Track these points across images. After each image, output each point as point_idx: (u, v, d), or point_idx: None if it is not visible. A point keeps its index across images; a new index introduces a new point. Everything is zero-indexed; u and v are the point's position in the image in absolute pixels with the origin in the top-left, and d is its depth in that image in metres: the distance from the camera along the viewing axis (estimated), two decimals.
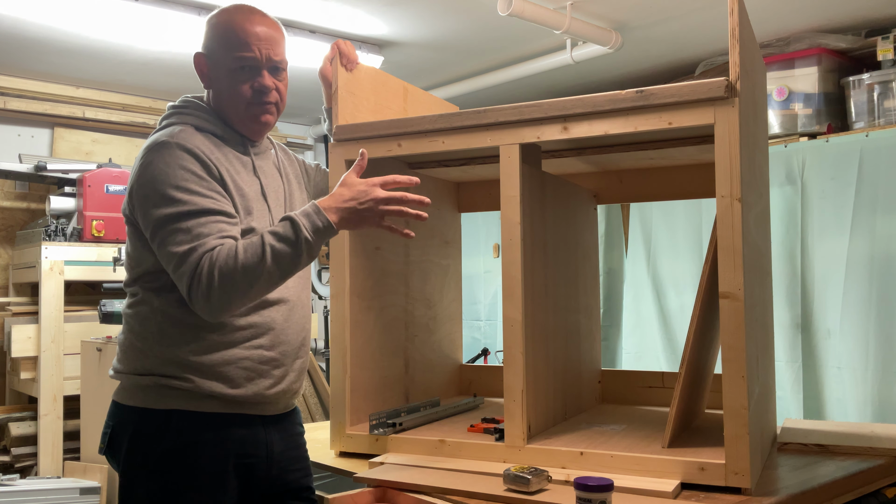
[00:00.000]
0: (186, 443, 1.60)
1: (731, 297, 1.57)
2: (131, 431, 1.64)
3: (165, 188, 1.57)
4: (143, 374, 1.63)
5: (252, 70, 1.71)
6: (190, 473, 1.60)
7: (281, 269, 1.55)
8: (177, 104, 1.77)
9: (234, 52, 1.70)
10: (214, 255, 1.52)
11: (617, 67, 4.39)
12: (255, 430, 1.68)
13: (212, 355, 1.62)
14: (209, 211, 1.58)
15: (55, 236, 4.06)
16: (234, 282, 1.51)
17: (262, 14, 1.76)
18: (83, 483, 3.56)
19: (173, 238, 1.55)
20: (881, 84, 3.56)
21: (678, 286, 4.17)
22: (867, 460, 1.81)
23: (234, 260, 1.52)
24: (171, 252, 1.54)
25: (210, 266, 1.51)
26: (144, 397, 1.63)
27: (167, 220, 1.56)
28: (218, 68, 1.72)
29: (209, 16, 1.78)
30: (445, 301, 2.52)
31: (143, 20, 3.49)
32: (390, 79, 2.24)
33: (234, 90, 1.71)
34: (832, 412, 3.53)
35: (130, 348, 1.67)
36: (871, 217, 3.42)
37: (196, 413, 1.61)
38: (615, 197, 2.51)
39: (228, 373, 1.63)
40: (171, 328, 1.62)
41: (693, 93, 1.61)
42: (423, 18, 3.62)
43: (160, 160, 1.60)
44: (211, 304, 1.52)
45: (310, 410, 4.42)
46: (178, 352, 1.61)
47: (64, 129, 4.72)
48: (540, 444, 1.78)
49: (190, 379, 1.61)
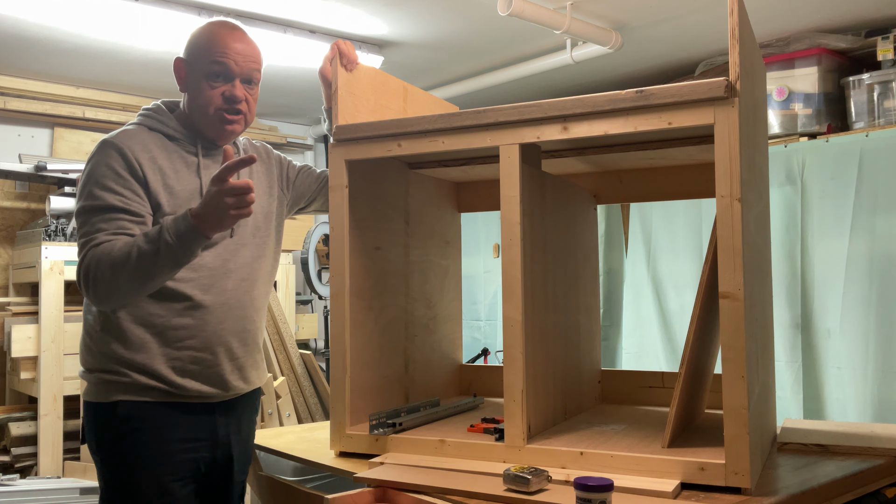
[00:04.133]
0: (130, 429, 1.74)
1: (731, 297, 1.57)
2: (90, 424, 1.79)
3: (88, 184, 1.72)
4: (91, 371, 1.78)
5: (226, 77, 1.81)
6: (134, 456, 1.74)
7: (143, 269, 1.63)
8: (146, 108, 1.88)
9: (212, 58, 1.80)
10: (98, 249, 1.66)
11: (617, 67, 4.39)
12: (198, 417, 1.81)
13: (143, 354, 1.74)
14: (113, 208, 1.69)
15: (55, 236, 4.06)
16: (104, 276, 1.65)
17: (244, 33, 1.87)
18: (83, 483, 3.56)
19: (79, 231, 1.71)
20: (881, 84, 3.56)
21: (678, 286, 4.17)
22: (867, 460, 1.81)
23: (108, 256, 1.65)
24: (78, 244, 1.71)
25: (90, 259, 1.66)
26: (95, 392, 1.78)
27: (79, 213, 1.72)
28: (194, 72, 1.83)
29: (199, 27, 1.90)
30: (445, 301, 2.52)
31: (143, 20, 3.49)
32: (390, 79, 2.24)
33: (207, 95, 1.81)
34: (832, 412, 3.53)
35: (83, 347, 1.81)
36: (871, 217, 3.42)
37: (138, 402, 1.74)
38: (615, 197, 2.51)
39: (160, 370, 1.75)
40: (107, 326, 1.75)
41: (693, 93, 1.61)
42: (423, 18, 3.62)
43: (94, 157, 1.74)
44: (90, 294, 1.68)
45: (310, 410, 4.42)
46: (113, 349, 1.74)
47: (64, 129, 4.72)
48: (540, 444, 1.78)
49: (127, 374, 1.74)
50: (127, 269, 1.63)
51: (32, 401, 4.24)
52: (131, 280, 1.65)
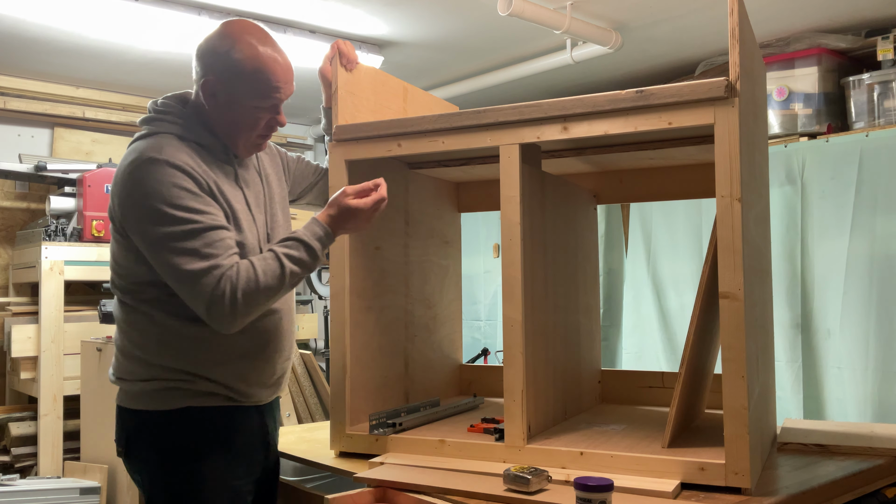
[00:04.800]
0: (196, 437, 1.69)
1: (731, 297, 1.57)
2: (147, 433, 1.70)
3: (163, 206, 1.59)
4: (147, 380, 1.70)
5: (272, 109, 1.76)
6: (205, 464, 1.68)
7: (292, 286, 1.69)
8: (158, 108, 1.77)
9: (264, 95, 1.73)
10: (234, 276, 1.59)
11: (617, 67, 4.39)
12: (252, 419, 1.79)
13: (213, 368, 1.70)
14: (211, 227, 1.62)
15: (55, 236, 4.06)
16: (258, 302, 1.62)
17: (273, 41, 1.76)
18: (83, 483, 3.56)
19: (181, 257, 1.58)
20: (881, 84, 3.56)
21: (678, 286, 4.16)
22: (867, 460, 1.81)
23: (256, 283, 1.60)
24: (182, 271, 1.58)
25: (232, 288, 1.58)
26: (150, 400, 1.70)
27: (169, 238, 1.59)
28: (235, 103, 1.73)
29: (217, 39, 1.74)
30: (445, 301, 2.52)
31: (143, 20, 3.49)
32: (390, 79, 2.24)
33: (250, 122, 1.75)
34: (832, 412, 3.53)
35: (130, 357, 1.72)
36: (871, 217, 3.42)
37: (202, 408, 1.69)
38: (615, 197, 2.51)
39: (228, 380, 1.71)
40: (174, 341, 1.68)
41: (693, 93, 1.61)
42: (423, 18, 3.62)
43: (151, 178, 1.61)
44: (235, 322, 1.61)
45: (310, 410, 4.42)
46: (181, 362, 1.68)
47: (64, 129, 4.72)
48: (540, 444, 1.78)
49: (192, 381, 1.69)
50: (281, 292, 1.66)
51: (32, 401, 4.24)
52: (279, 299, 1.69)
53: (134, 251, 1.66)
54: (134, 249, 1.66)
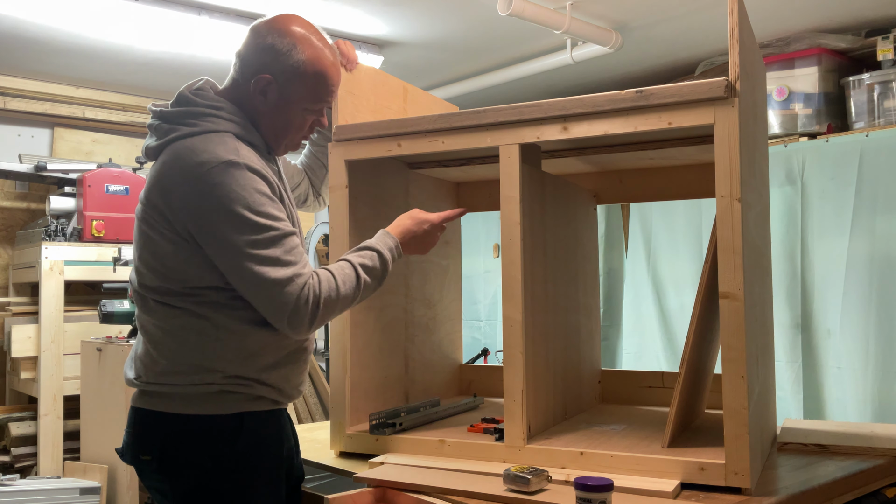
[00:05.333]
0: (256, 441, 1.65)
1: (731, 297, 1.57)
2: (197, 439, 1.61)
3: (246, 212, 1.54)
4: (202, 385, 1.61)
5: (320, 111, 1.75)
6: (259, 468, 1.65)
7: (364, 299, 1.72)
8: (204, 102, 1.65)
9: (320, 98, 1.71)
10: (316, 286, 1.59)
11: (617, 67, 4.39)
12: (286, 422, 1.78)
13: (269, 371, 1.67)
14: (288, 234, 1.59)
15: (55, 236, 4.06)
16: (334, 311, 1.64)
17: (328, 43, 1.74)
18: (83, 483, 3.56)
19: (263, 266, 1.54)
20: (881, 84, 3.56)
21: (678, 286, 4.17)
22: (867, 460, 1.81)
23: (336, 292, 1.62)
24: (265, 279, 1.54)
25: (315, 297, 1.58)
26: (207, 405, 1.61)
27: (251, 246, 1.54)
28: (288, 102, 1.69)
29: (285, 43, 1.66)
30: (445, 301, 2.52)
31: (143, 20, 3.49)
32: (390, 79, 2.24)
33: (298, 123, 1.72)
34: (832, 412, 3.53)
35: (183, 362, 1.61)
36: (871, 217, 3.42)
37: (257, 413, 1.66)
38: (615, 197, 2.51)
39: (279, 382, 1.70)
40: (235, 346, 1.62)
41: (693, 93, 1.61)
42: (423, 18, 3.62)
43: (232, 181, 1.54)
44: (311, 329, 1.62)
45: (310, 410, 4.42)
46: (240, 367, 1.62)
47: (64, 129, 4.73)
48: (540, 444, 1.78)
49: (249, 385, 1.65)
50: (356, 301, 1.68)
51: (32, 401, 4.24)
52: (348, 307, 1.70)
53: (193, 254, 1.58)
54: (193, 253, 1.58)
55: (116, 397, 3.53)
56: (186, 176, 1.55)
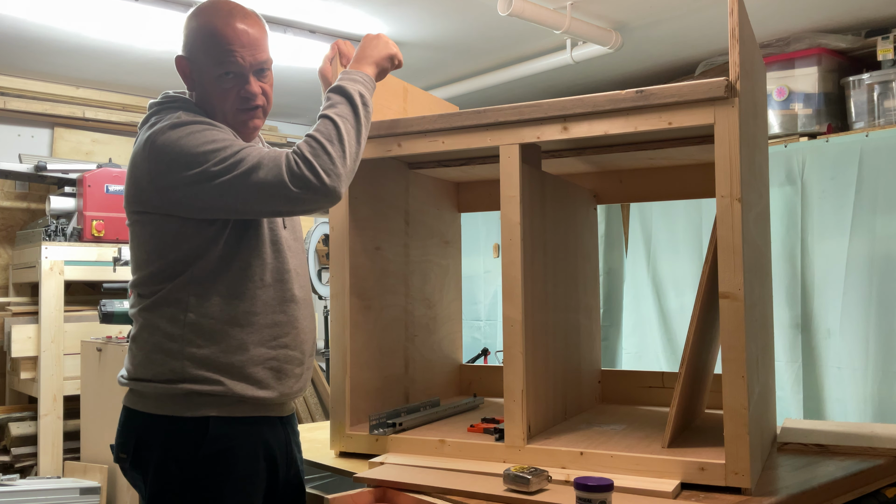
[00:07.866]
0: (222, 448, 1.58)
1: (731, 297, 1.57)
2: (163, 441, 1.59)
3: (196, 148, 1.55)
4: (171, 382, 1.58)
5: (238, 77, 1.66)
6: (226, 478, 1.59)
7: (356, 128, 1.67)
8: (160, 101, 1.70)
9: (219, 60, 1.65)
10: (295, 148, 1.57)
11: (617, 67, 4.39)
12: (276, 431, 1.70)
13: (240, 355, 1.61)
14: (244, 146, 1.58)
15: (55, 236, 4.06)
16: (339, 154, 1.60)
17: (241, 11, 1.69)
18: (83, 483, 3.56)
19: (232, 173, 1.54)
20: (881, 84, 3.56)
21: (678, 286, 4.17)
22: (867, 460, 1.81)
23: (315, 140, 1.59)
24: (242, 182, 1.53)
25: (298, 152, 1.57)
26: (175, 406, 1.59)
27: (214, 165, 1.54)
28: (202, 74, 1.68)
29: (188, 15, 1.70)
30: (445, 301, 2.52)
31: (143, 20, 3.49)
32: (390, 79, 2.25)
33: (219, 96, 1.67)
34: (832, 412, 3.53)
35: (156, 351, 1.60)
36: (871, 217, 3.42)
37: (229, 418, 1.60)
38: (615, 197, 2.51)
39: (256, 374, 1.63)
40: (203, 327, 1.59)
41: (693, 93, 1.61)
42: (423, 18, 3.62)
43: (175, 136, 1.57)
44: (321, 179, 1.55)
45: (310, 410, 4.42)
46: (209, 352, 1.59)
47: (64, 129, 4.73)
48: (540, 444, 1.78)
49: (221, 382, 1.59)
50: (350, 137, 1.63)
51: (32, 401, 4.24)
52: (358, 143, 1.66)
53: (161, 229, 1.59)
54: (161, 227, 1.59)
55: (116, 397, 3.51)
56: (138, 158, 1.61)
